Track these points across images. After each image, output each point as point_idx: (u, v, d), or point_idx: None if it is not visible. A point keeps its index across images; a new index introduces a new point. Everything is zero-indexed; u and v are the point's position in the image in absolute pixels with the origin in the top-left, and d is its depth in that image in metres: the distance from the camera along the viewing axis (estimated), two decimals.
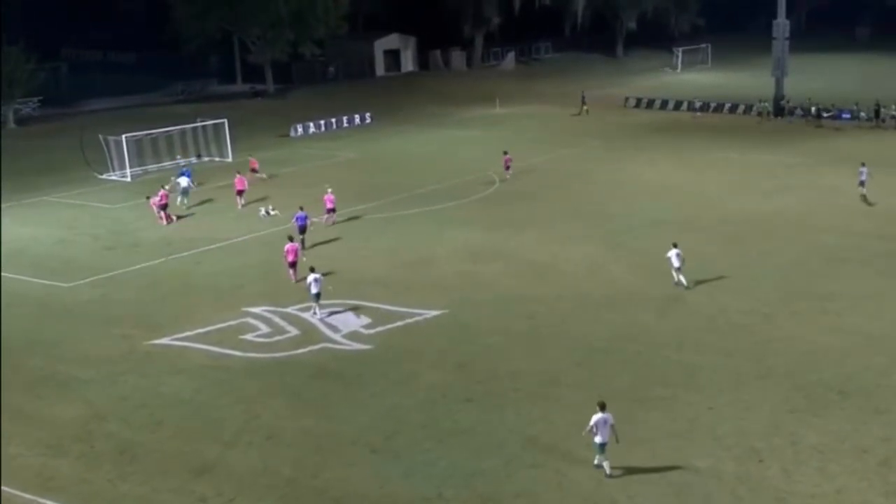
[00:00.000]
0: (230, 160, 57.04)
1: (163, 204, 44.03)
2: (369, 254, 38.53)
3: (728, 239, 39.18)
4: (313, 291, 31.26)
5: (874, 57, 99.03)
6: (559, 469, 21.59)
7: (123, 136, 53.98)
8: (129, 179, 52.96)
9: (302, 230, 38.90)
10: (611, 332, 29.67)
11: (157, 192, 44.59)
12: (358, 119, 72.26)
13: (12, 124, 73.90)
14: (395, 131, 68.52)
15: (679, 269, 33.01)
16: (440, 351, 28.51)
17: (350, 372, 27.27)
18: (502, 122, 71.17)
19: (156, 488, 21.39)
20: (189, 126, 59.78)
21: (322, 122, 69.99)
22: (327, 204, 42.69)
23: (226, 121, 59.93)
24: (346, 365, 27.80)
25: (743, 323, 30.13)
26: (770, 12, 71.63)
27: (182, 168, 49.97)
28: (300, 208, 39.83)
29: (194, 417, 24.80)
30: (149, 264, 37.96)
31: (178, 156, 57.57)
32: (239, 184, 46.82)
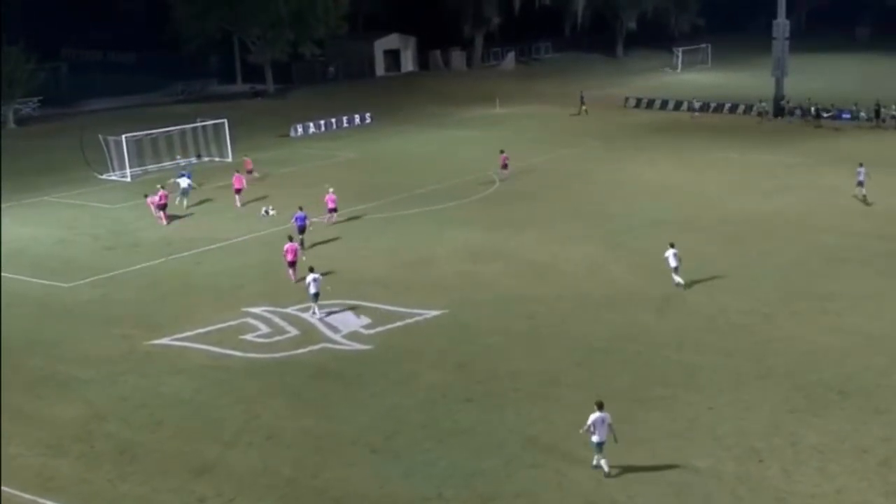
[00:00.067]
0: (230, 160, 57.04)
1: (162, 204, 44.06)
2: (369, 254, 38.54)
3: (728, 239, 39.18)
4: (312, 291, 31.28)
5: (874, 57, 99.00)
6: (559, 469, 21.59)
7: (123, 137, 54.00)
8: (129, 179, 52.97)
9: (301, 230, 38.89)
10: (611, 332, 29.67)
11: (157, 192, 44.61)
12: (358, 119, 72.25)
13: (12, 124, 73.89)
14: (395, 131, 68.51)
15: (677, 269, 33.03)
16: (440, 351, 28.52)
17: (350, 372, 27.27)
18: (502, 122, 71.15)
19: (156, 488, 21.39)
20: (189, 126, 59.79)
21: (322, 122, 69.98)
22: (329, 203, 42.70)
23: (226, 121, 59.95)
24: (346, 365, 27.81)
25: (743, 323, 30.13)
26: (770, 12, 71.62)
27: (182, 171, 49.93)
28: (299, 208, 39.83)
29: (194, 417, 24.81)
30: (149, 264, 37.97)
31: (178, 156, 57.58)
32: (237, 182, 47.13)
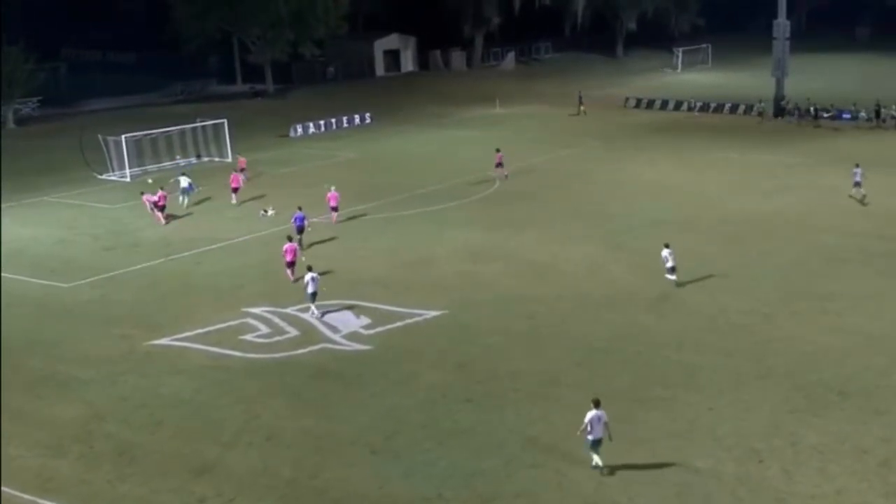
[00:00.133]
0: (230, 160, 56.99)
1: (161, 205, 44.07)
2: (369, 254, 38.52)
3: (728, 239, 39.16)
4: (310, 290, 31.30)
5: (874, 57, 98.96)
6: (559, 469, 21.58)
7: (123, 137, 54.01)
8: (128, 180, 52.94)
9: (300, 230, 38.89)
10: (611, 332, 29.65)
11: (156, 192, 44.63)
12: (358, 119, 72.23)
13: (12, 124, 73.88)
14: (395, 131, 68.49)
15: (674, 269, 33.04)
16: (440, 351, 28.50)
17: (350, 372, 27.26)
18: (502, 123, 71.13)
19: (155, 489, 21.38)
20: (189, 126, 59.76)
21: (322, 122, 69.95)
22: (331, 202, 42.74)
23: (225, 121, 59.94)
24: (346, 365, 27.79)
25: (743, 323, 30.11)
26: (770, 12, 71.56)
27: (182, 172, 49.87)
28: (298, 208, 39.82)
29: (194, 418, 24.79)
30: (148, 264, 37.95)
31: (178, 156, 57.58)
32: (234, 181, 47.40)
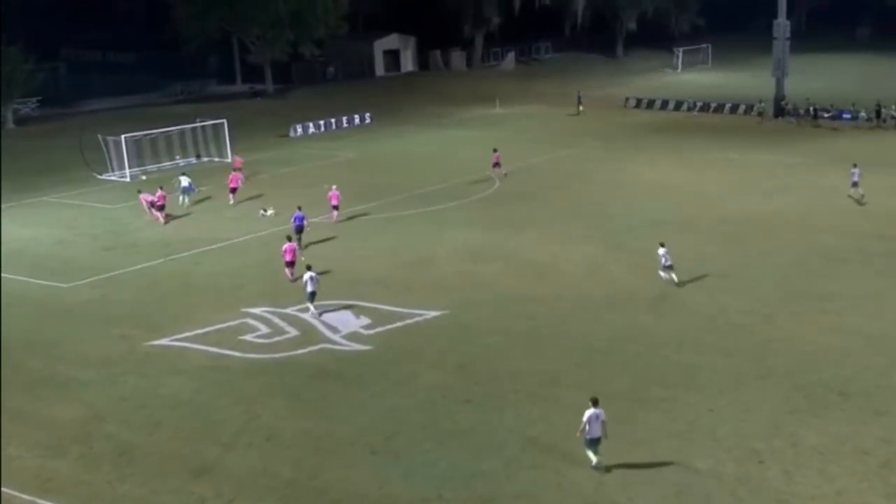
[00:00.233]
0: (229, 160, 56.93)
1: (160, 205, 44.07)
2: (369, 254, 38.50)
3: (728, 239, 39.14)
4: (309, 290, 31.28)
5: (874, 57, 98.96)
6: (559, 470, 21.55)
7: (122, 137, 53.98)
8: (128, 180, 52.90)
9: (299, 230, 38.88)
10: (611, 332, 29.63)
11: (154, 192, 44.62)
12: (358, 119, 72.21)
13: (11, 124, 73.85)
14: (394, 131, 68.47)
15: (671, 268, 33.13)
16: (440, 351, 28.47)
17: (350, 372, 27.23)
18: (502, 123, 71.11)
19: (155, 489, 21.35)
20: (188, 126, 59.72)
21: (322, 122, 69.93)
22: (332, 200, 42.76)
23: (225, 121, 59.88)
24: (346, 365, 27.77)
25: (743, 323, 30.09)
26: (770, 12, 71.52)
27: (182, 172, 49.83)
28: (298, 208, 39.80)
29: (194, 418, 24.76)
30: (148, 265, 37.93)
31: (178, 156, 57.56)
32: (233, 181, 47.46)
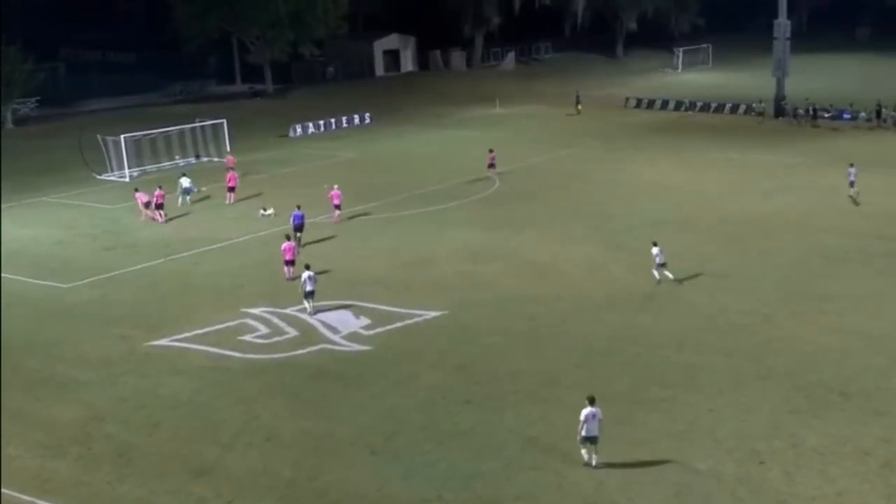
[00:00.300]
0: (234, 160, 56.89)
1: (159, 204, 44.08)
2: (369, 254, 38.48)
3: (728, 239, 39.12)
4: (308, 289, 31.26)
5: (874, 57, 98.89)
6: (559, 471, 21.52)
7: (122, 137, 53.96)
8: (127, 180, 52.84)
9: (298, 228, 38.88)
10: (611, 332, 29.60)
11: (153, 191, 44.61)
12: (357, 119, 72.17)
13: (10, 124, 73.79)
14: (394, 131, 68.44)
15: (664, 266, 33.13)
16: (440, 352, 28.45)
17: (349, 373, 27.21)
18: (502, 123, 71.08)
19: (154, 490, 21.33)
20: (188, 126, 59.69)
21: (321, 122, 69.88)
22: (334, 199, 42.80)
23: (225, 121, 59.87)
24: (346, 366, 27.74)
25: (743, 323, 30.06)
26: (770, 12, 71.47)
27: (183, 173, 49.86)
28: (297, 207, 39.80)
29: (193, 419, 24.74)
30: (148, 265, 37.90)
31: (177, 156, 57.55)
32: (231, 181, 47.63)
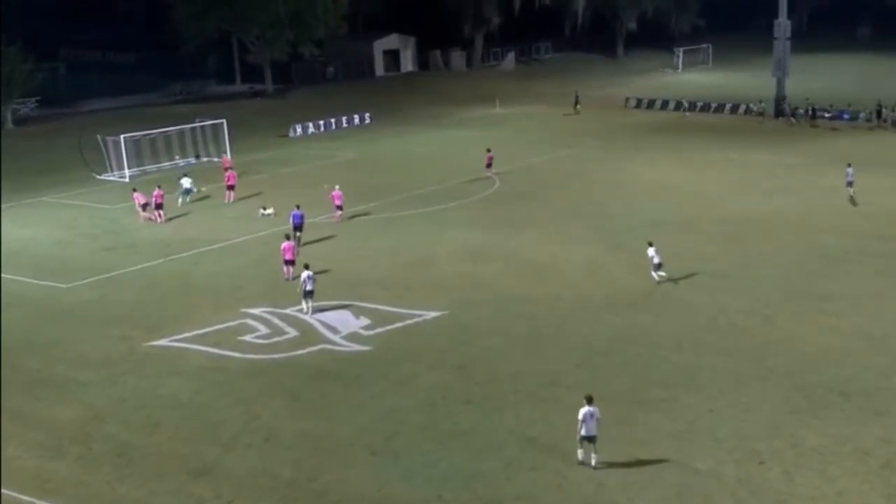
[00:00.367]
0: (230, 160, 56.88)
1: (158, 203, 44.09)
2: (369, 254, 38.46)
3: (728, 239, 39.10)
4: (307, 288, 31.26)
5: (875, 57, 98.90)
6: (559, 471, 21.51)
7: (122, 137, 53.94)
8: (127, 180, 52.80)
9: (297, 228, 38.90)
10: (611, 332, 29.59)
11: (153, 192, 44.61)
12: (357, 119, 72.16)
13: (10, 124, 73.79)
14: (394, 132, 68.42)
15: (660, 266, 33.19)
16: (440, 352, 28.43)
17: (349, 373, 27.19)
18: (502, 123, 71.07)
19: (154, 490, 21.32)
20: (188, 126, 59.66)
21: (321, 122, 69.88)
22: (335, 200, 42.81)
23: (224, 121, 59.78)
24: (346, 366, 27.73)
25: (743, 323, 30.05)
26: (770, 12, 71.43)
27: (184, 173, 49.94)
28: (296, 206, 39.81)
29: (193, 419, 24.72)
30: (148, 265, 37.89)
31: (177, 156, 57.55)
32: (230, 179, 47.93)
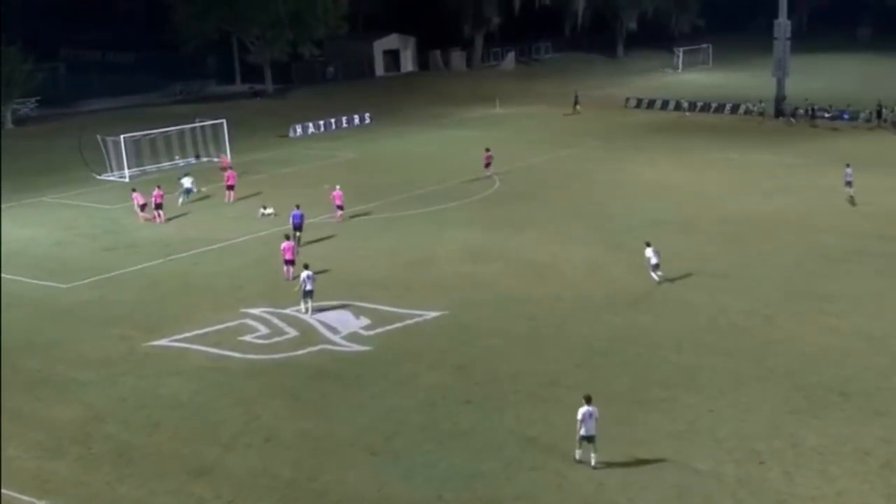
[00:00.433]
0: (228, 161, 56.84)
1: (158, 203, 44.09)
2: (369, 254, 38.46)
3: (728, 239, 39.10)
4: (307, 288, 31.27)
5: (875, 57, 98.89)
6: (559, 471, 21.51)
7: (122, 137, 53.93)
8: (127, 180, 52.76)
9: (297, 228, 38.90)
10: (611, 333, 29.59)
11: (152, 192, 44.60)
12: (357, 119, 72.14)
13: (10, 125, 73.76)
14: (394, 132, 68.42)
15: (657, 266, 33.22)
16: (440, 352, 28.43)
17: (349, 373, 27.19)
18: (502, 123, 71.06)
19: (154, 490, 21.32)
20: (188, 126, 59.65)
21: (321, 122, 69.86)
22: (336, 200, 42.83)
23: (224, 121, 59.75)
24: (346, 366, 27.72)
25: (743, 323, 30.04)
26: (770, 12, 71.42)
27: (186, 173, 49.96)
28: (296, 206, 39.82)
29: (193, 419, 24.72)
30: (147, 265, 37.89)
31: (177, 156, 57.54)
32: (230, 178, 48.06)
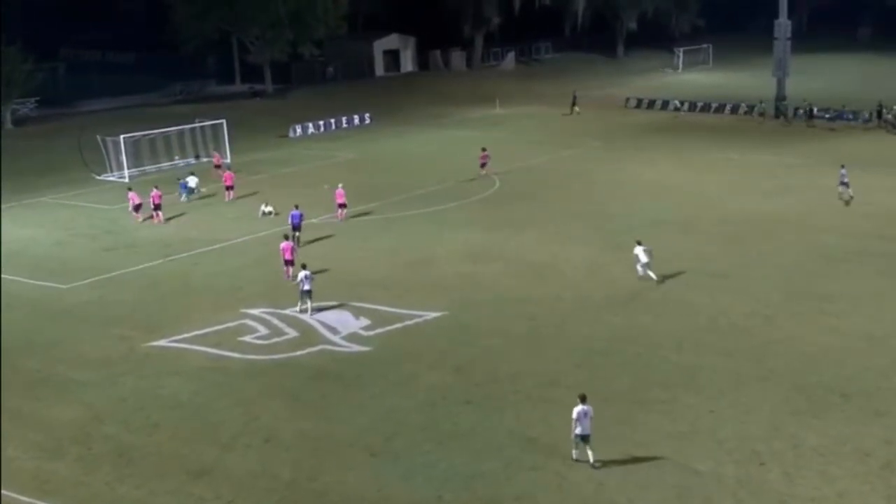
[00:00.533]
0: (228, 160, 56.86)
1: (157, 204, 44.09)
2: (369, 254, 38.44)
3: (728, 239, 39.08)
4: (305, 288, 31.27)
5: (875, 57, 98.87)
6: (559, 471, 21.49)
7: (121, 137, 53.91)
8: (126, 180, 52.73)
9: (296, 228, 38.91)
10: (611, 333, 29.57)
11: (150, 192, 44.59)
12: (357, 119, 72.11)
13: (10, 125, 73.73)
14: (394, 132, 68.40)
15: (648, 265, 33.19)
16: (440, 352, 28.42)
17: (349, 373, 27.17)
18: (502, 123, 71.04)
19: (153, 491, 21.30)
20: (187, 127, 59.62)
21: (321, 122, 69.83)
22: (338, 199, 42.84)
23: (224, 121, 59.75)
24: (345, 366, 27.71)
25: (743, 324, 30.02)
26: (771, 12, 71.40)
27: (190, 172, 49.99)
28: (295, 206, 39.82)
29: (193, 419, 24.71)
30: (147, 265, 37.88)
31: (177, 156, 57.52)
32: (228, 179, 48.30)
